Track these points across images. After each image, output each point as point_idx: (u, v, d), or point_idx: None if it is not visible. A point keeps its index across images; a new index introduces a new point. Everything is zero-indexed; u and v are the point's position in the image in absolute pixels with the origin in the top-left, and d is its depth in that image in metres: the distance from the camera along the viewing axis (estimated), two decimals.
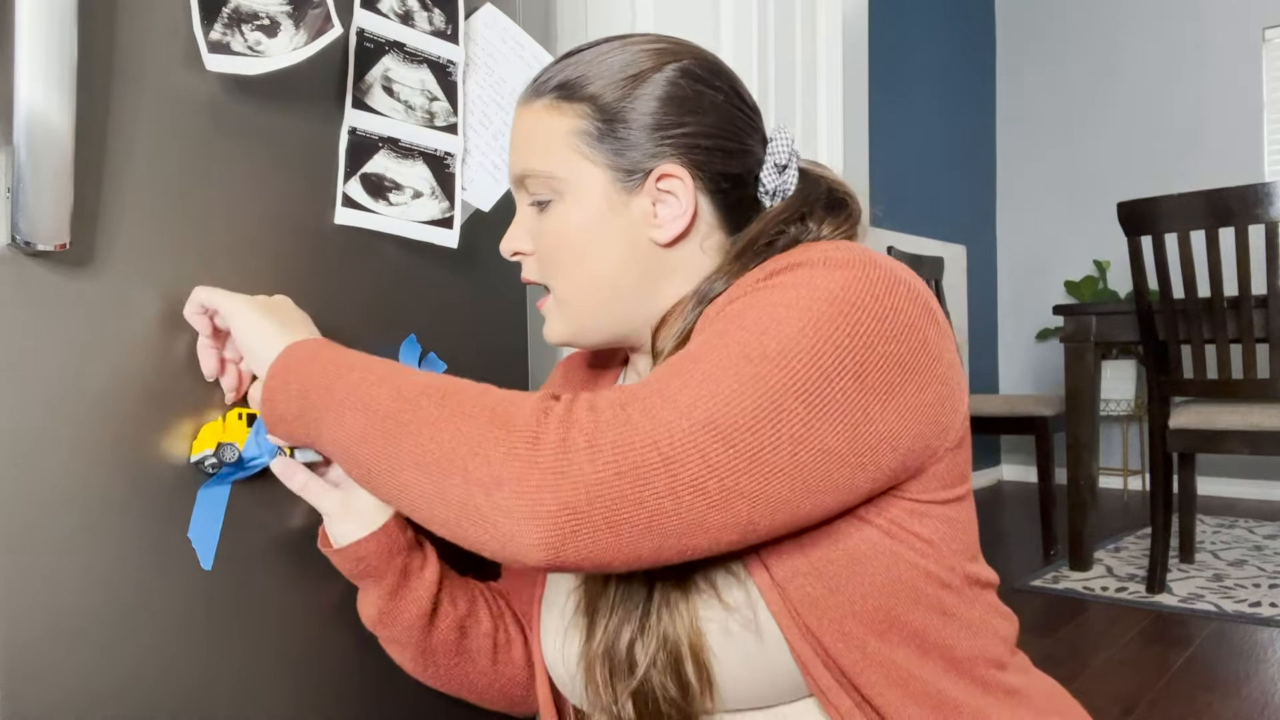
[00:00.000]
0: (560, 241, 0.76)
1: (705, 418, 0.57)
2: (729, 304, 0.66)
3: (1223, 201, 2.37)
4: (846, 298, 0.62)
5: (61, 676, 0.74)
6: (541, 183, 0.76)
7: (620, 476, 0.56)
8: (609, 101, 0.74)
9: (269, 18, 0.83)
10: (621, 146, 0.74)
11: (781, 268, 0.66)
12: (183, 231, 0.81)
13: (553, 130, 0.76)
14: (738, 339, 0.61)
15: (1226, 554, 3.04)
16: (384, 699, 0.97)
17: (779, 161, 0.79)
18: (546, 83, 0.77)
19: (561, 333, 0.80)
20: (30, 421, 0.72)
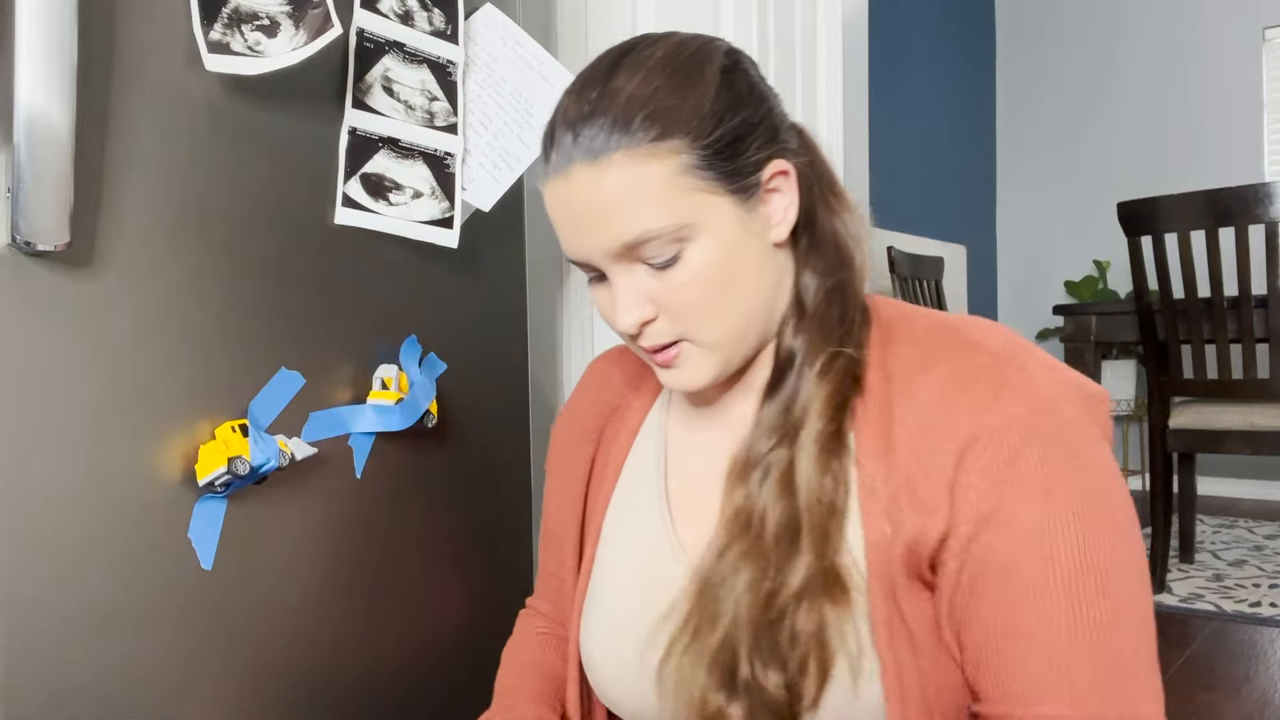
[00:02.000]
0: (706, 289, 0.67)
1: (1100, 672, 0.62)
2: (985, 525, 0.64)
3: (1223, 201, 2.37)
4: (1105, 465, 0.66)
5: (61, 676, 0.74)
6: (664, 242, 0.66)
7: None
8: (695, 125, 0.66)
9: (269, 18, 0.83)
10: (730, 163, 0.67)
11: (1027, 414, 0.65)
12: (183, 231, 0.81)
13: (654, 180, 0.65)
14: (1083, 584, 0.63)
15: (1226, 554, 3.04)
16: (384, 699, 0.97)
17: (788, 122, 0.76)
18: (614, 128, 0.66)
19: (707, 377, 0.71)
20: (30, 420, 0.72)
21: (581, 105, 0.67)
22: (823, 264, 0.73)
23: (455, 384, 1.04)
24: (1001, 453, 0.64)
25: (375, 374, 0.96)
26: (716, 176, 0.67)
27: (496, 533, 1.11)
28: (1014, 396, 0.65)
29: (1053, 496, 0.63)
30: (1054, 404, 0.66)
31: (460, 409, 1.06)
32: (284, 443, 0.85)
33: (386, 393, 0.95)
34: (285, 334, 0.89)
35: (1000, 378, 0.66)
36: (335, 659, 0.92)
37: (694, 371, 0.71)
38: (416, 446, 1.00)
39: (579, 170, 0.66)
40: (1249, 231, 2.33)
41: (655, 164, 0.65)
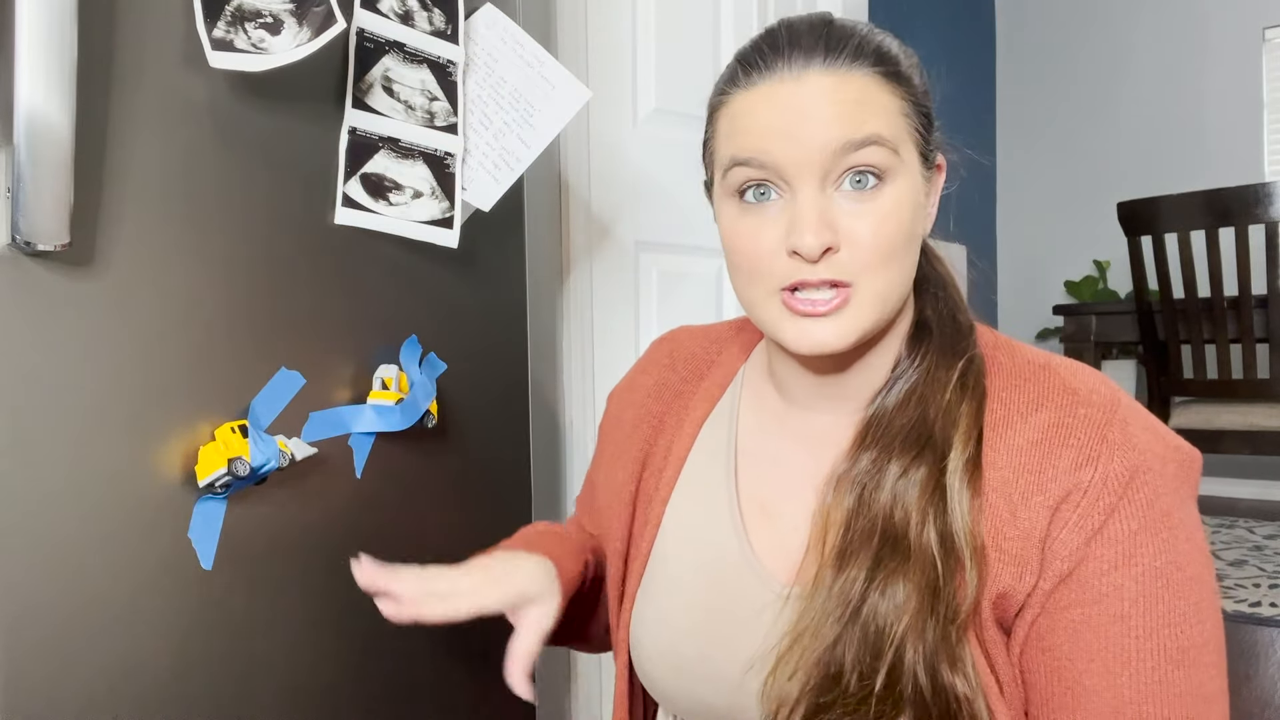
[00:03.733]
0: (896, 228, 0.66)
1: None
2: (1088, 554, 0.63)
3: (1223, 201, 2.37)
4: (1194, 529, 0.65)
5: (61, 676, 0.73)
6: (884, 154, 0.66)
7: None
8: (915, 86, 0.70)
9: (272, 15, 0.83)
10: (927, 133, 0.70)
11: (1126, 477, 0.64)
12: (183, 231, 0.81)
13: (886, 102, 0.67)
14: (1153, 648, 0.62)
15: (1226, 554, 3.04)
16: (384, 698, 0.97)
17: None
18: (860, 46, 0.68)
19: (853, 335, 0.67)
20: (30, 420, 0.72)
21: (815, 31, 0.69)
22: (937, 276, 0.75)
23: (455, 384, 1.04)
24: (1095, 511, 0.63)
25: (375, 374, 0.96)
26: (920, 134, 0.70)
27: (496, 533, 1.11)
28: (1114, 455, 0.64)
29: (1135, 560, 0.63)
30: (1152, 466, 0.64)
31: (460, 409, 1.05)
32: (284, 443, 0.85)
33: (386, 393, 0.95)
34: (285, 334, 0.89)
35: (1102, 434, 0.65)
36: (335, 659, 0.92)
37: (846, 325, 0.66)
38: (416, 446, 1.00)
39: (816, 75, 0.66)
40: (1249, 231, 2.33)
41: (889, 94, 0.68)
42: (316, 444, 0.90)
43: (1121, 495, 0.63)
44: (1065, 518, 0.63)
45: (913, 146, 0.69)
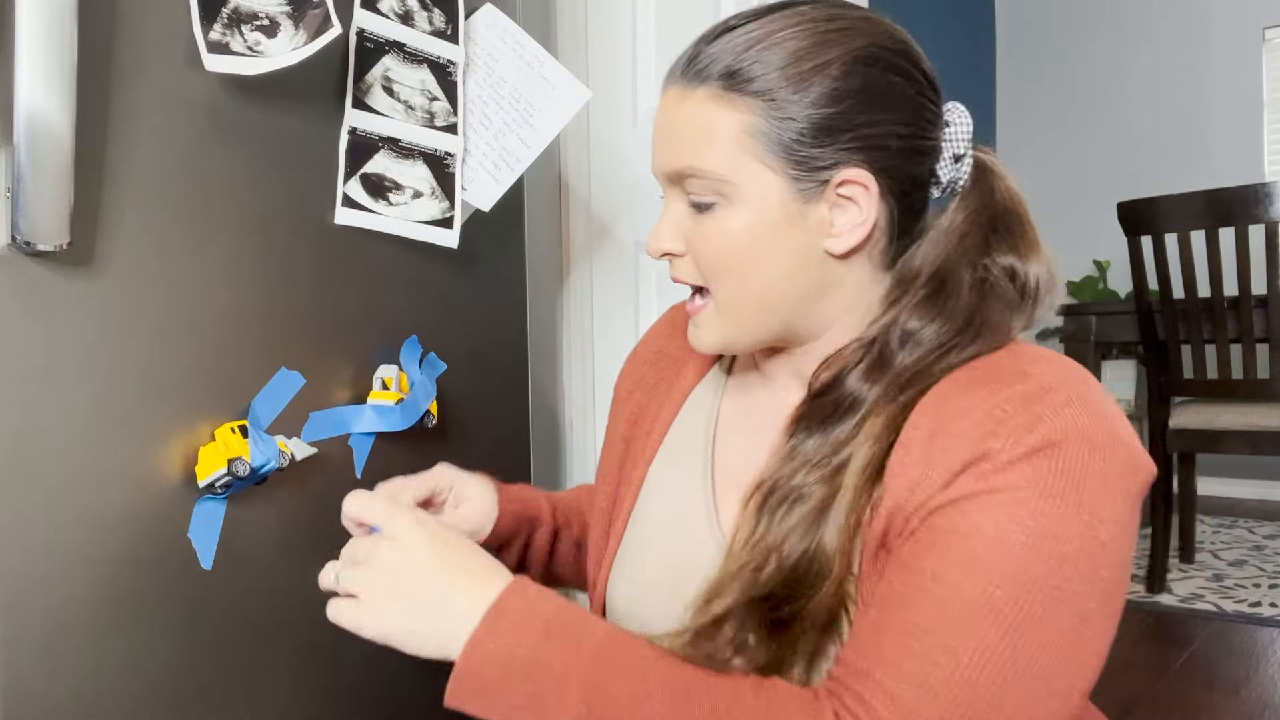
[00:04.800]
0: (726, 249, 0.68)
1: (959, 697, 0.57)
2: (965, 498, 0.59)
3: (1223, 201, 2.37)
4: (1101, 515, 0.59)
5: (61, 676, 0.74)
6: (706, 184, 0.67)
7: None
8: (787, 96, 0.65)
9: (268, 18, 0.83)
10: (801, 148, 0.65)
11: (1032, 448, 0.59)
12: (183, 231, 0.81)
13: (719, 126, 0.66)
14: (1001, 599, 0.58)
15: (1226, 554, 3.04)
16: (384, 699, 0.97)
17: (956, 151, 0.71)
18: (708, 67, 0.67)
19: (715, 342, 0.72)
20: (30, 420, 0.72)
21: (706, 38, 0.69)
22: (941, 325, 0.67)
23: (455, 384, 1.04)
24: (1005, 459, 0.60)
25: (375, 374, 0.96)
26: (780, 154, 0.66)
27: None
28: (1034, 426, 0.60)
29: (1011, 511, 0.59)
30: (1076, 445, 0.60)
31: (460, 409, 1.05)
32: (284, 443, 0.85)
33: (387, 393, 0.95)
34: (285, 334, 0.89)
35: (1030, 407, 0.61)
36: (336, 658, 0.92)
37: (706, 332, 0.72)
38: (416, 446, 1.00)
39: (670, 95, 0.70)
40: (1249, 231, 2.33)
41: (726, 112, 0.66)
42: (316, 444, 0.90)
43: (1026, 457, 0.59)
44: (976, 469, 0.60)
45: (764, 167, 0.66)
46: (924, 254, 0.70)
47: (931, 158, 0.70)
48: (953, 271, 0.68)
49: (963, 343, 0.66)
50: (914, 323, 0.67)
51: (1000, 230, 0.71)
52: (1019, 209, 0.72)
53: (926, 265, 0.69)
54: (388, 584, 0.62)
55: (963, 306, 0.67)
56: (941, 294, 0.68)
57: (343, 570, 0.64)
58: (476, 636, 0.59)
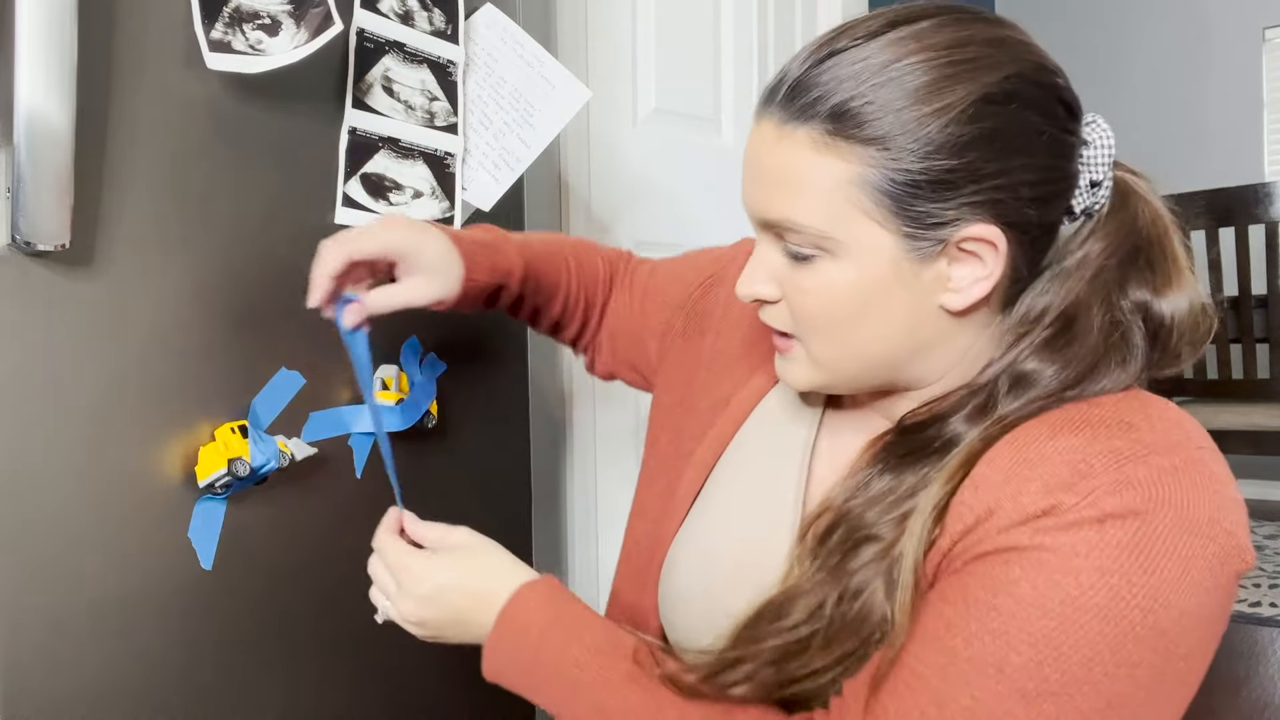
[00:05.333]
0: (826, 306, 0.61)
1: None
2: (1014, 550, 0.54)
3: (1223, 201, 2.37)
4: (1167, 601, 0.52)
5: (61, 676, 0.73)
6: (806, 238, 0.60)
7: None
8: (906, 145, 0.56)
9: (270, 16, 0.83)
10: (917, 203, 0.57)
11: (1106, 513, 0.53)
12: (183, 232, 0.81)
13: (825, 176, 0.58)
14: (1014, 664, 0.52)
15: None
16: (383, 697, 0.97)
17: (1094, 177, 0.62)
18: (816, 103, 0.58)
19: (809, 384, 0.66)
20: (30, 420, 0.72)
21: (812, 59, 0.59)
22: (1062, 368, 0.60)
23: (455, 384, 1.04)
24: (1072, 518, 0.53)
25: (376, 374, 0.96)
26: (893, 209, 0.57)
27: (496, 533, 1.11)
28: (1117, 489, 0.53)
29: (1079, 593, 0.52)
30: (1163, 523, 0.53)
31: (460, 409, 1.05)
32: (284, 443, 0.85)
33: (387, 393, 0.95)
34: (285, 334, 0.89)
35: (1120, 464, 0.54)
36: (336, 659, 0.92)
37: (796, 372, 0.66)
38: (416, 446, 1.00)
39: (766, 126, 0.61)
40: (1249, 231, 2.33)
41: (833, 160, 0.58)
42: (316, 444, 0.90)
43: (1096, 522, 0.53)
44: (1025, 529, 0.55)
45: (873, 223, 0.58)
46: (1051, 291, 0.62)
47: (1070, 194, 0.62)
48: (1083, 310, 0.61)
49: (1081, 390, 0.59)
50: (1031, 364, 0.60)
51: (1140, 263, 0.63)
52: (1164, 239, 0.64)
53: (1054, 305, 0.61)
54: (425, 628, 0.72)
55: (1089, 349, 0.60)
56: (1066, 335, 0.60)
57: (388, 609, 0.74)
58: (490, 645, 0.69)
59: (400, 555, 0.72)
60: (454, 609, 0.70)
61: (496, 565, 0.71)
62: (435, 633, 0.72)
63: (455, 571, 0.71)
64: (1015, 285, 0.62)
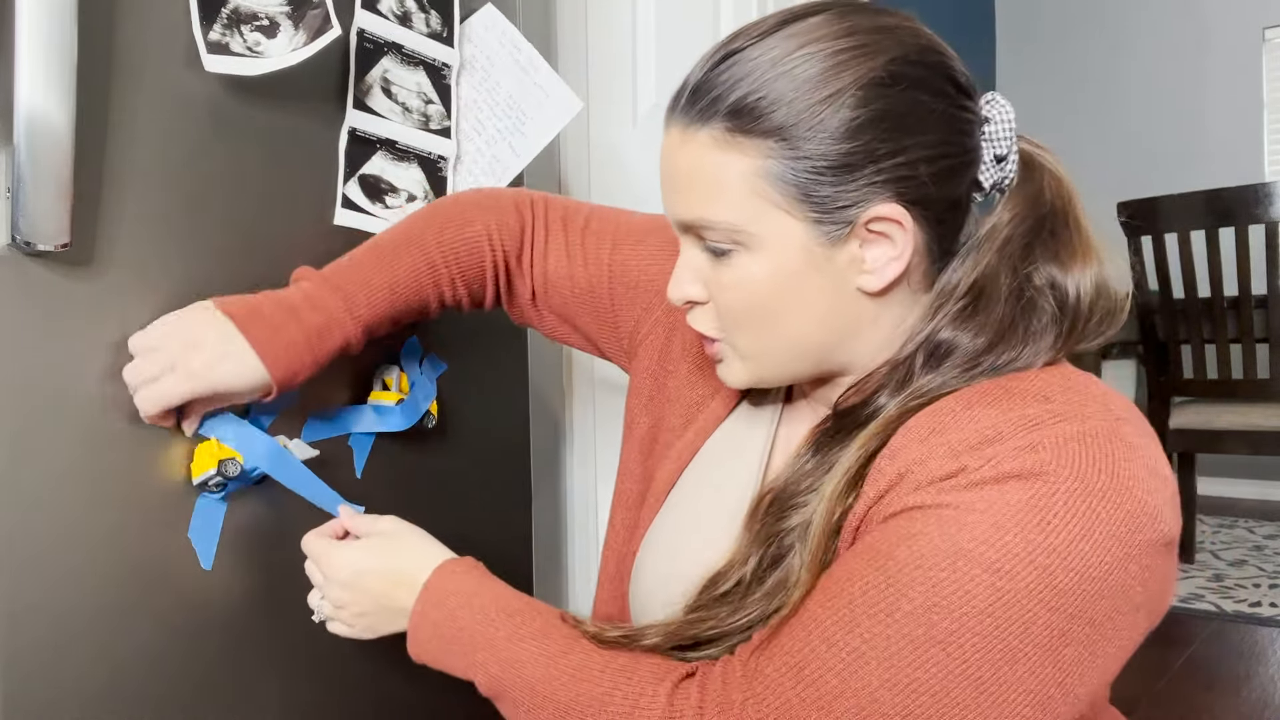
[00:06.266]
0: (746, 299, 0.63)
1: (852, 715, 0.53)
2: (918, 509, 0.55)
3: (1223, 201, 2.37)
4: (1065, 561, 0.52)
5: (61, 676, 0.74)
6: (721, 234, 0.62)
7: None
8: (803, 134, 0.58)
9: (268, 18, 0.83)
10: (821, 189, 0.59)
11: (1007, 473, 0.53)
12: (183, 232, 0.81)
13: (729, 172, 0.60)
14: (904, 610, 0.52)
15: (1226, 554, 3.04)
16: (384, 699, 0.97)
17: (998, 151, 0.64)
18: (714, 103, 0.60)
19: (743, 379, 0.68)
20: (30, 420, 0.72)
21: (709, 64, 0.62)
22: (975, 336, 0.62)
23: (455, 384, 1.04)
24: (974, 478, 0.54)
25: (376, 374, 0.96)
26: (798, 198, 0.59)
27: (496, 533, 1.11)
28: (1024, 452, 0.54)
29: (973, 545, 0.52)
30: (1074, 481, 0.53)
31: (460, 409, 1.06)
32: (284, 442, 0.85)
33: (387, 393, 0.95)
34: None
35: (1029, 430, 0.55)
36: (336, 658, 0.92)
37: (732, 369, 0.69)
38: (416, 447, 1.00)
39: (673, 132, 0.64)
40: (1249, 231, 2.33)
41: (735, 156, 0.60)
42: (316, 444, 0.90)
43: (996, 481, 0.53)
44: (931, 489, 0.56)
45: (782, 212, 0.60)
46: (965, 265, 0.64)
47: (971, 169, 0.63)
48: (992, 280, 0.62)
49: (995, 358, 0.61)
50: (945, 334, 0.62)
51: (1044, 234, 0.64)
52: (1068, 208, 0.66)
53: (965, 276, 0.63)
54: (351, 612, 0.75)
55: (998, 317, 0.61)
56: (978, 304, 0.62)
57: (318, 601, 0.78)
58: (413, 621, 0.71)
59: (323, 547, 0.76)
60: (374, 592, 0.73)
61: (415, 547, 0.75)
62: (363, 621, 0.75)
63: (373, 555, 0.74)
64: (933, 264, 0.64)
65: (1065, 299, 0.63)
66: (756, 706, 0.55)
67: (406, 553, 0.74)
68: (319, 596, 0.78)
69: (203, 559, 0.82)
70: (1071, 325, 0.63)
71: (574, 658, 0.63)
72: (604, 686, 0.61)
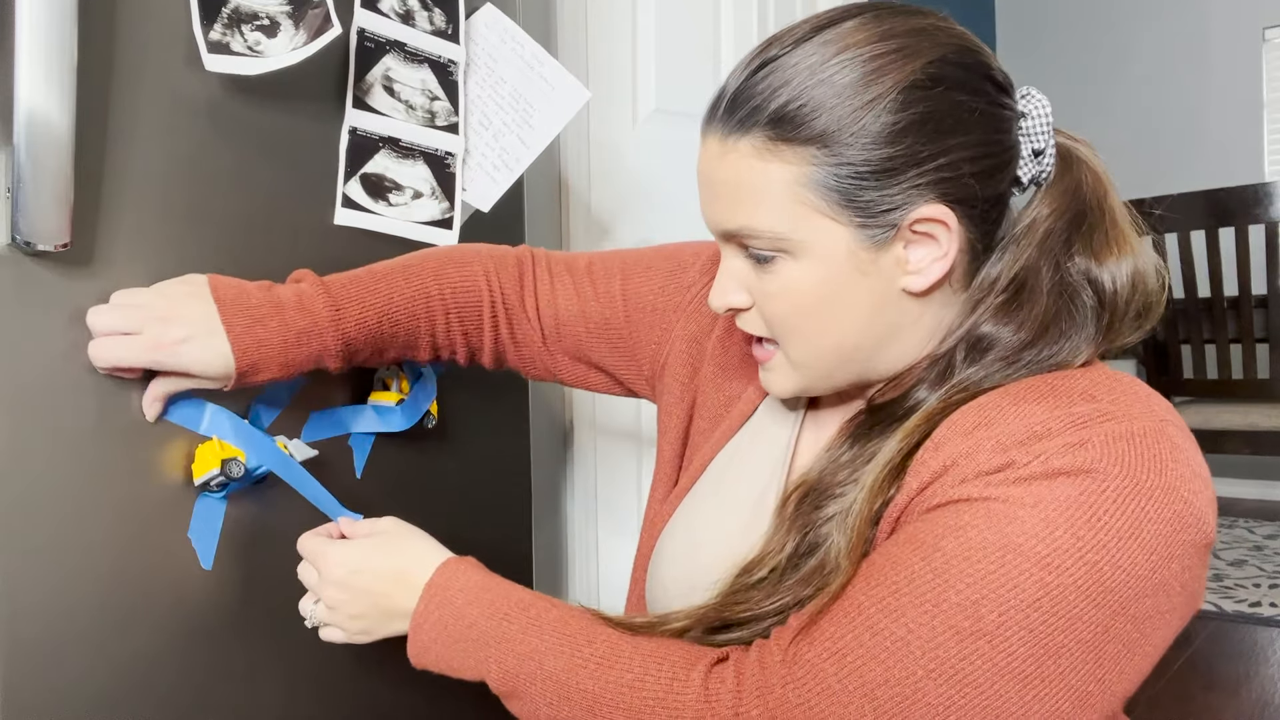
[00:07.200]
0: (792, 305, 0.64)
1: (895, 704, 0.53)
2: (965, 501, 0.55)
3: (1223, 201, 2.37)
4: (1113, 558, 0.52)
5: (62, 676, 0.73)
6: (764, 242, 0.63)
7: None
8: (845, 140, 0.59)
9: (269, 18, 0.83)
10: (864, 194, 0.59)
11: (1056, 469, 0.54)
12: (183, 232, 0.81)
13: (772, 181, 0.61)
14: (951, 602, 0.53)
15: (1226, 554, 3.04)
16: (384, 699, 0.97)
17: (1035, 146, 0.64)
18: (752, 113, 0.61)
19: (791, 389, 0.68)
20: (30, 421, 0.72)
21: (745, 72, 0.62)
22: (1016, 330, 0.62)
23: (455, 384, 1.04)
24: (1024, 473, 0.54)
25: (376, 374, 0.96)
26: (841, 203, 0.60)
27: (497, 533, 1.11)
28: (1071, 449, 0.54)
29: (1023, 540, 0.53)
30: (1125, 480, 0.53)
31: (460, 409, 1.05)
32: (284, 443, 0.85)
33: (387, 393, 0.95)
34: None
35: (1079, 428, 0.55)
36: (337, 659, 0.92)
37: (779, 380, 0.69)
38: (416, 446, 1.00)
39: (711, 142, 0.64)
40: (1249, 231, 2.33)
41: (778, 166, 0.61)
42: (316, 444, 0.90)
43: (1046, 477, 0.54)
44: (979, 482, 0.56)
45: (826, 218, 0.61)
46: (1005, 259, 0.64)
47: (1011, 166, 0.64)
48: (1033, 273, 0.63)
49: (1037, 352, 0.61)
50: (987, 328, 0.63)
51: (1084, 226, 0.65)
52: (1105, 199, 0.66)
53: (1006, 270, 0.63)
54: (345, 614, 0.73)
55: (1041, 311, 0.62)
56: (1019, 298, 0.63)
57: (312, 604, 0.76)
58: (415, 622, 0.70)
59: (319, 545, 0.74)
60: (372, 592, 0.71)
61: (416, 547, 0.73)
62: (359, 624, 0.73)
63: (372, 553, 0.73)
64: (974, 260, 0.65)
65: (1103, 292, 0.63)
66: (797, 690, 0.55)
67: (407, 552, 0.73)
68: (312, 601, 0.76)
69: (203, 559, 0.82)
70: (1111, 318, 0.64)
71: (599, 645, 0.62)
72: (634, 672, 0.60)
